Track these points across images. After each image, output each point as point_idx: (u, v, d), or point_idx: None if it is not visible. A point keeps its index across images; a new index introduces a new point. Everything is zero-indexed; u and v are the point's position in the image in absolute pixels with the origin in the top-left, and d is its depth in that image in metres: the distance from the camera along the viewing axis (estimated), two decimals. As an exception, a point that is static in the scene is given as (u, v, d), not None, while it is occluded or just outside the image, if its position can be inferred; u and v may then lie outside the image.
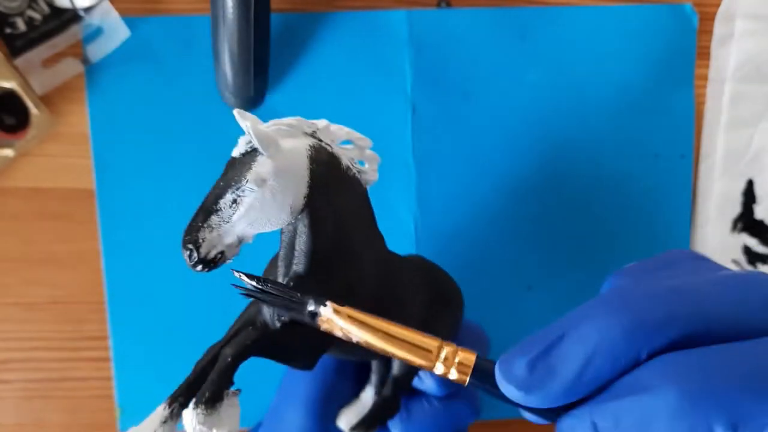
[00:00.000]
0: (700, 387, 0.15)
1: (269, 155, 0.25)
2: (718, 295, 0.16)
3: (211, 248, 0.24)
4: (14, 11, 0.44)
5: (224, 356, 0.25)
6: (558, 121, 0.48)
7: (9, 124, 0.46)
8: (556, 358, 0.16)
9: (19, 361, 0.48)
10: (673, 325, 0.15)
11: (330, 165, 0.27)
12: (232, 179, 0.25)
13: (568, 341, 0.16)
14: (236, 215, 0.24)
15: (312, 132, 0.28)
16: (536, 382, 0.16)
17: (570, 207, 0.48)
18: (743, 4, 0.47)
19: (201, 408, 0.24)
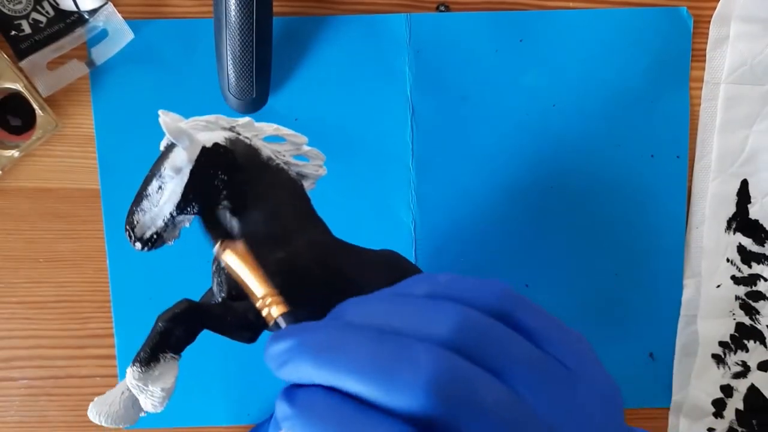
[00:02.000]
0: (311, 421, 0.21)
1: (184, 147, 0.28)
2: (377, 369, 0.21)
3: (146, 229, 0.29)
4: (19, 14, 0.44)
5: (157, 322, 0.28)
6: (555, 123, 0.48)
7: (15, 125, 0.46)
8: (282, 357, 0.23)
9: (24, 358, 0.48)
10: (330, 378, 0.21)
11: (248, 155, 0.30)
12: (156, 168, 0.29)
13: (288, 353, 0.22)
14: (162, 199, 0.28)
15: (231, 127, 0.30)
16: (272, 361, 0.23)
17: (566, 207, 0.49)
18: (738, 7, 0.48)
19: (137, 366, 0.27)
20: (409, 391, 0.19)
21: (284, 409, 0.22)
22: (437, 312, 0.21)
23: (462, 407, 0.19)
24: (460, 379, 0.20)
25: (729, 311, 0.51)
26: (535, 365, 0.21)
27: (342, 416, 0.20)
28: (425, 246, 0.48)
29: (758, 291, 0.51)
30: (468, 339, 0.20)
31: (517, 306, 0.22)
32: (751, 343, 0.51)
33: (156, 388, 0.27)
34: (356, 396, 0.20)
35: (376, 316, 0.22)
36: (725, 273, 0.50)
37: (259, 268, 0.26)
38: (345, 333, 0.22)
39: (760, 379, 0.51)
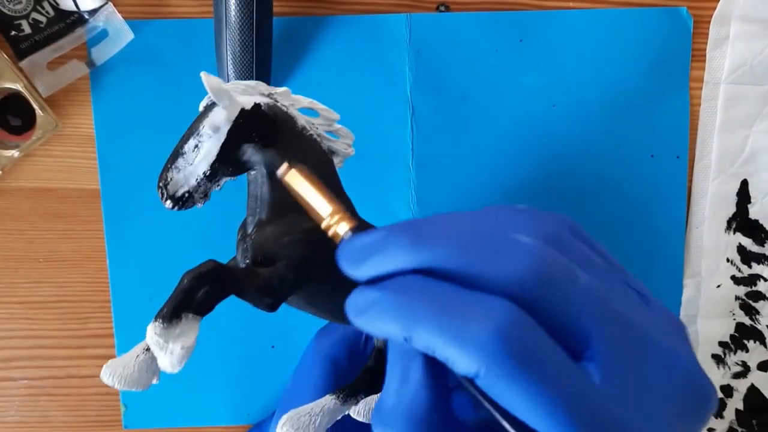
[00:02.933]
0: (404, 301, 0.20)
1: (224, 106, 0.28)
2: (478, 248, 0.20)
3: (179, 187, 0.28)
4: (19, 14, 0.44)
5: (182, 279, 0.28)
6: (555, 123, 0.48)
7: (15, 125, 0.46)
8: (366, 250, 0.22)
9: (24, 359, 0.48)
10: (430, 256, 0.20)
11: (284, 121, 0.30)
12: (194, 127, 0.29)
13: (377, 242, 0.22)
14: (198, 158, 0.28)
15: (269, 93, 0.31)
16: (352, 259, 0.22)
17: (566, 207, 0.49)
18: (738, 7, 0.48)
19: (158, 321, 0.27)
20: (513, 268, 0.20)
21: (367, 296, 0.21)
22: (530, 221, 0.22)
23: (561, 286, 0.20)
24: (559, 262, 0.20)
25: (729, 311, 0.51)
26: (612, 277, 0.22)
27: (443, 292, 0.20)
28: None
29: (758, 291, 0.51)
30: (559, 242, 0.21)
31: (588, 237, 0.24)
32: (751, 343, 0.51)
33: (176, 346, 0.27)
34: (454, 276, 0.20)
35: (469, 221, 0.22)
36: (725, 273, 0.50)
37: (324, 189, 0.25)
38: (441, 224, 0.21)
39: (760, 380, 0.51)
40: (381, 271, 0.21)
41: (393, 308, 0.20)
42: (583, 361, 0.20)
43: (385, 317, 0.20)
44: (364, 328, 0.21)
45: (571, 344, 0.20)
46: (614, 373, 0.20)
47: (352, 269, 0.22)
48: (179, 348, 0.27)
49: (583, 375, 0.20)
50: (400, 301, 0.20)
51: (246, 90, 0.30)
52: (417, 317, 0.20)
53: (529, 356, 0.19)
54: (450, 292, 0.20)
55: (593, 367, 0.20)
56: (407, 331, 0.20)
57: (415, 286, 0.20)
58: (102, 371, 0.27)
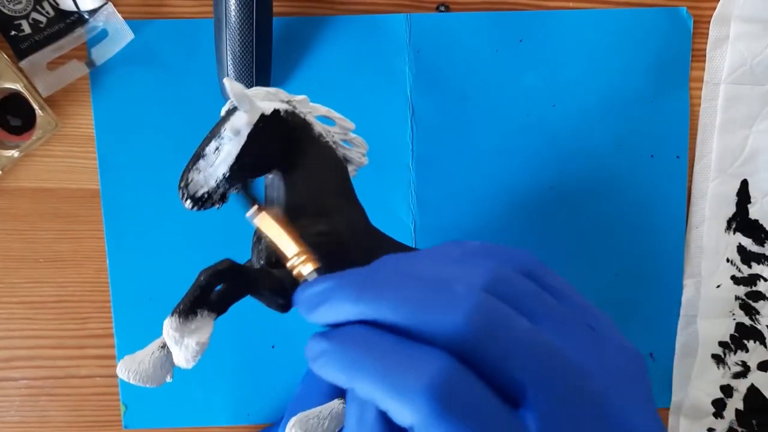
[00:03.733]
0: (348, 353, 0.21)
1: (245, 110, 0.29)
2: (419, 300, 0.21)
3: (198, 188, 0.29)
4: (19, 14, 0.44)
5: (198, 277, 0.29)
6: (555, 123, 0.48)
7: (14, 125, 0.46)
8: (318, 298, 0.22)
9: (24, 359, 0.48)
10: (373, 310, 0.21)
11: (302, 128, 0.31)
12: (215, 130, 0.30)
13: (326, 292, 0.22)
14: (218, 160, 0.29)
15: (288, 100, 0.32)
16: (305, 305, 0.23)
17: (566, 207, 0.49)
18: (738, 7, 0.48)
19: (175, 316, 0.28)
20: (449, 320, 0.20)
21: (317, 346, 0.22)
22: (474, 266, 0.22)
23: (497, 337, 0.20)
24: (495, 312, 0.21)
25: (729, 311, 0.51)
26: (565, 318, 0.22)
27: (383, 345, 0.20)
28: (425, 246, 0.48)
29: (758, 291, 0.51)
30: (502, 287, 0.21)
31: (546, 272, 0.24)
32: (751, 343, 0.51)
33: (191, 341, 0.28)
34: (395, 328, 0.21)
35: (415, 266, 0.23)
36: (725, 273, 0.50)
37: (292, 231, 0.27)
38: (385, 274, 0.22)
39: (760, 379, 0.51)
40: (330, 320, 0.22)
41: (337, 359, 0.21)
42: (522, 410, 0.20)
43: (332, 367, 0.21)
44: (318, 374, 0.22)
45: (510, 392, 0.20)
46: (550, 424, 0.20)
47: (306, 314, 0.23)
48: (194, 343, 0.28)
49: (519, 425, 0.20)
50: (343, 352, 0.21)
51: (267, 96, 0.31)
52: (357, 369, 0.20)
53: (463, 409, 0.19)
54: (390, 345, 0.20)
55: (530, 416, 0.20)
56: (350, 382, 0.21)
57: (358, 338, 0.21)
58: (118, 367, 0.28)
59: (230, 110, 0.30)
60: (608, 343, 0.23)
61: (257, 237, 0.32)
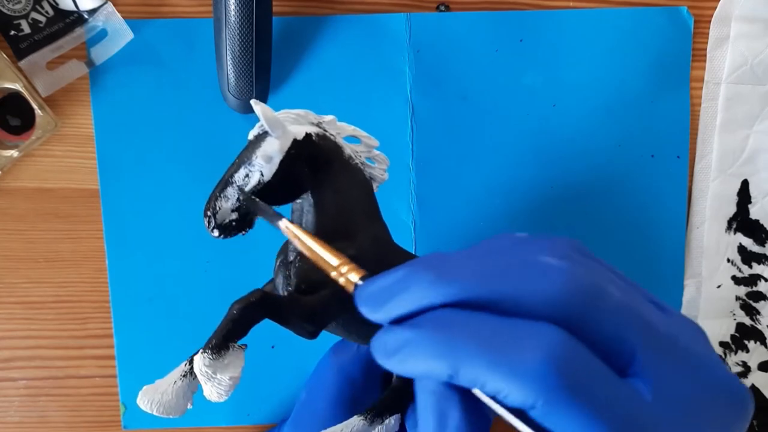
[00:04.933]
0: (444, 337, 0.19)
1: (277, 136, 0.28)
2: (505, 275, 0.20)
3: (226, 216, 0.28)
4: (19, 14, 0.44)
5: (231, 309, 0.28)
6: (555, 123, 0.48)
7: (14, 125, 0.46)
8: (388, 291, 0.21)
9: (23, 359, 0.48)
10: (458, 288, 0.20)
11: (333, 151, 0.31)
12: (245, 156, 0.29)
13: (399, 281, 0.21)
14: (248, 188, 0.28)
15: (318, 123, 0.31)
16: (373, 301, 0.21)
17: (567, 207, 0.49)
18: (738, 7, 0.48)
19: (207, 353, 0.27)
20: (548, 289, 0.19)
21: (397, 337, 0.20)
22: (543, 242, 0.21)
23: (601, 303, 0.19)
24: (591, 279, 0.20)
25: (729, 311, 0.51)
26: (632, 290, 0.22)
27: (482, 323, 0.19)
28: (425, 246, 0.48)
29: (759, 291, 0.51)
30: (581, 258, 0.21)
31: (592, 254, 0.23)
32: (752, 343, 0.51)
33: (224, 377, 0.27)
34: (484, 306, 0.19)
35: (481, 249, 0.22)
36: (726, 273, 0.50)
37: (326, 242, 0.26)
38: (457, 256, 0.21)
39: (761, 380, 0.51)
40: (406, 309, 0.20)
41: (432, 345, 0.19)
42: (630, 378, 0.19)
43: (423, 356, 0.19)
44: (398, 370, 0.20)
45: (615, 361, 0.19)
46: (664, 388, 0.19)
47: (373, 311, 0.21)
48: (227, 379, 0.27)
49: (635, 395, 0.19)
50: (439, 337, 0.19)
51: (297, 119, 0.30)
52: (462, 352, 0.19)
53: (584, 383, 0.18)
54: (491, 323, 0.19)
55: (642, 383, 0.19)
56: (452, 368, 0.19)
57: (452, 320, 0.19)
58: (139, 398, 0.27)
59: (260, 135, 0.29)
60: (672, 314, 0.22)
61: (281, 260, 0.31)
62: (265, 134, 0.29)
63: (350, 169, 0.32)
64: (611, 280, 0.21)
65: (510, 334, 0.19)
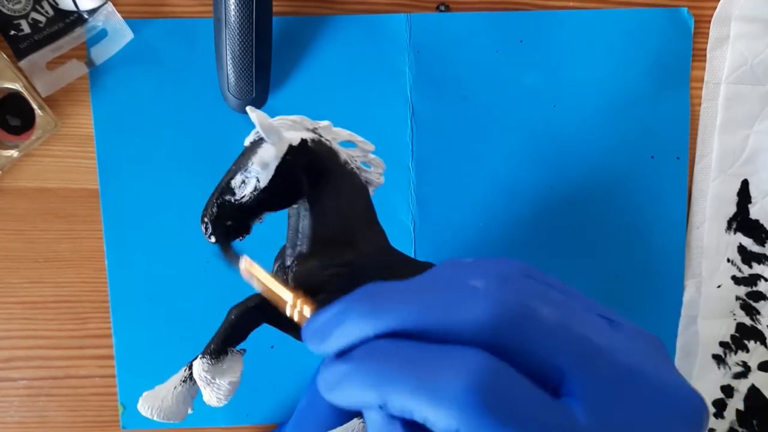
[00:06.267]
0: (373, 367, 0.19)
1: (272, 143, 0.29)
2: (436, 302, 0.20)
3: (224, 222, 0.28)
4: (19, 13, 0.44)
5: (229, 314, 0.28)
6: (555, 124, 0.48)
7: (14, 125, 0.46)
8: (328, 325, 0.21)
9: (23, 359, 0.48)
10: (391, 319, 0.20)
11: (328, 156, 0.31)
12: (241, 163, 0.29)
13: (336, 316, 0.21)
14: (244, 193, 0.28)
15: (313, 128, 0.31)
16: (316, 336, 0.22)
17: (567, 208, 0.49)
18: (738, 7, 0.48)
19: (207, 358, 0.27)
20: (475, 314, 0.19)
21: (335, 370, 0.20)
22: (480, 267, 0.21)
23: (528, 325, 0.19)
24: (521, 301, 0.20)
25: (729, 311, 0.51)
26: (575, 309, 0.21)
27: (410, 352, 0.19)
28: (425, 246, 0.48)
29: (759, 291, 0.51)
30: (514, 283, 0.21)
31: (543, 275, 0.23)
32: (752, 343, 0.51)
33: (223, 381, 0.27)
34: (416, 335, 0.20)
35: (418, 279, 0.22)
36: (726, 273, 0.50)
37: (277, 277, 0.26)
38: (391, 287, 0.21)
39: (761, 380, 0.51)
40: (344, 343, 0.21)
41: (363, 376, 0.20)
42: (564, 398, 0.19)
43: (357, 387, 0.20)
44: (338, 403, 0.21)
45: (548, 381, 0.19)
46: (598, 406, 0.19)
47: (317, 347, 0.22)
48: (226, 383, 0.27)
49: (567, 416, 0.19)
50: (368, 367, 0.20)
51: (292, 125, 0.30)
52: (389, 381, 0.19)
53: (509, 406, 0.18)
54: (418, 350, 0.19)
55: (575, 403, 0.19)
56: (381, 397, 0.19)
57: (383, 351, 0.20)
58: (139, 404, 0.28)
59: (256, 141, 0.29)
60: (624, 329, 0.22)
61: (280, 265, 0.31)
62: (260, 141, 0.29)
63: (346, 174, 0.32)
64: (546, 299, 0.21)
65: (435, 361, 0.19)
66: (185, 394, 0.28)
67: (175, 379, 0.29)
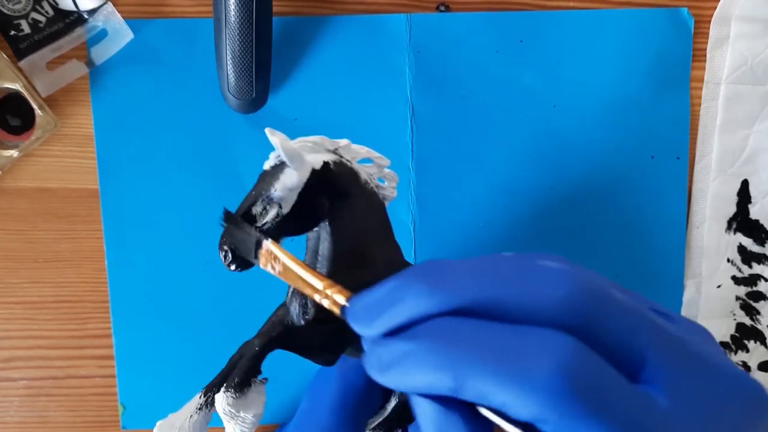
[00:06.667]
0: (445, 347, 0.18)
1: (295, 168, 0.27)
2: (505, 280, 0.19)
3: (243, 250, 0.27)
4: (19, 14, 0.44)
5: (252, 346, 0.28)
6: (555, 124, 0.48)
7: (14, 125, 0.46)
8: (381, 303, 0.20)
9: (23, 359, 0.48)
10: (456, 296, 0.19)
11: (350, 178, 0.30)
12: (262, 189, 0.27)
13: (392, 292, 0.20)
14: (265, 220, 0.27)
15: (334, 149, 0.30)
16: (364, 315, 0.20)
17: (567, 208, 0.49)
18: (738, 7, 0.48)
19: (231, 392, 0.27)
20: (554, 294, 0.18)
21: (394, 349, 0.19)
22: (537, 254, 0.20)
23: (609, 307, 0.18)
24: (597, 284, 0.19)
25: (729, 311, 0.51)
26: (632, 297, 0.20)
27: (484, 332, 0.18)
28: (424, 246, 0.48)
29: (759, 291, 0.51)
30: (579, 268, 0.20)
31: None
32: (752, 343, 0.51)
33: (248, 415, 0.27)
34: (489, 313, 0.18)
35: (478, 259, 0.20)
36: (726, 273, 0.50)
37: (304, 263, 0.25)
38: (452, 264, 0.20)
39: (761, 380, 0.51)
40: (401, 320, 0.19)
41: (433, 357, 0.18)
42: (643, 385, 0.19)
43: (423, 369, 0.18)
44: (395, 385, 0.19)
45: (626, 367, 0.19)
46: (679, 394, 0.19)
47: (366, 326, 0.20)
48: (251, 416, 0.27)
49: (651, 403, 0.18)
50: (439, 348, 0.18)
51: (313, 147, 0.29)
52: (465, 363, 0.18)
53: (598, 393, 0.17)
54: (494, 331, 0.18)
55: (656, 390, 0.18)
56: (456, 380, 0.18)
57: (453, 330, 0.18)
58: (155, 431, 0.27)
59: (277, 166, 0.28)
60: (676, 320, 0.21)
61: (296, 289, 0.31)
62: (282, 165, 0.28)
63: (366, 193, 0.31)
64: (612, 284, 0.20)
65: (516, 343, 0.18)
66: (201, 422, 0.28)
67: (190, 407, 0.28)
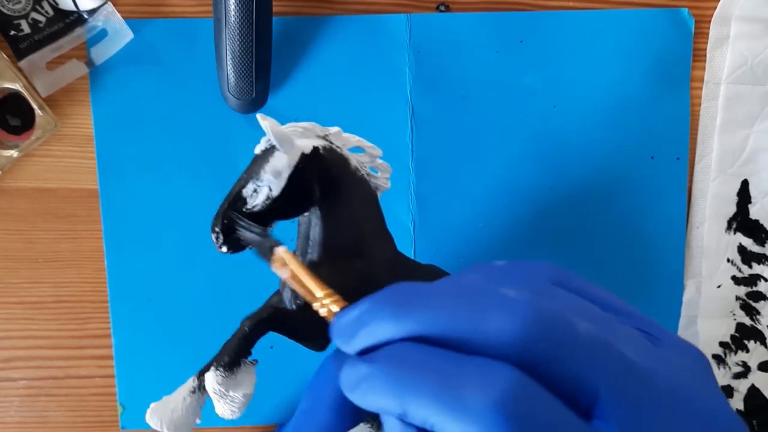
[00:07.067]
0: (395, 373, 0.19)
1: (285, 151, 0.28)
2: (465, 309, 0.19)
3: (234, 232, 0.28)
4: (19, 14, 0.44)
5: (242, 326, 0.28)
6: (555, 124, 0.48)
7: (14, 125, 0.46)
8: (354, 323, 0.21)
9: (23, 359, 0.48)
10: (417, 323, 0.19)
11: (340, 164, 0.31)
12: (253, 172, 0.28)
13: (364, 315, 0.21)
14: (256, 203, 0.28)
15: (324, 135, 0.31)
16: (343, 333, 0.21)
17: (567, 209, 0.49)
18: (738, 7, 0.48)
19: (220, 371, 0.27)
20: (507, 326, 0.18)
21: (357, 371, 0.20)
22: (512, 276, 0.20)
23: (563, 340, 0.18)
24: (556, 314, 0.19)
25: (729, 311, 0.51)
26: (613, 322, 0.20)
27: (436, 360, 0.18)
28: (424, 246, 0.48)
29: (759, 291, 0.51)
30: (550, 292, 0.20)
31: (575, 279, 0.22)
32: (752, 343, 0.51)
33: (237, 394, 0.27)
34: (443, 342, 0.19)
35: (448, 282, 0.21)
36: (726, 273, 0.50)
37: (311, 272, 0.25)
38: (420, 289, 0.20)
39: (761, 380, 0.51)
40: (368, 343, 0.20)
41: (385, 381, 0.19)
42: (595, 420, 0.18)
43: (377, 392, 0.19)
44: (359, 403, 0.20)
45: (578, 402, 0.19)
46: (631, 430, 0.18)
47: (344, 344, 0.21)
48: (241, 396, 0.27)
49: None
50: (390, 373, 0.19)
51: (304, 133, 0.30)
52: (411, 390, 0.18)
53: (534, 425, 0.17)
54: (443, 359, 0.19)
55: (608, 427, 0.18)
56: (401, 406, 0.19)
57: (407, 356, 0.19)
58: (148, 416, 0.27)
59: (267, 150, 0.29)
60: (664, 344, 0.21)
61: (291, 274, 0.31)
62: (272, 149, 0.29)
63: (357, 181, 0.32)
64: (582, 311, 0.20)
65: (461, 373, 0.18)
66: (194, 405, 0.28)
67: (183, 390, 0.28)
